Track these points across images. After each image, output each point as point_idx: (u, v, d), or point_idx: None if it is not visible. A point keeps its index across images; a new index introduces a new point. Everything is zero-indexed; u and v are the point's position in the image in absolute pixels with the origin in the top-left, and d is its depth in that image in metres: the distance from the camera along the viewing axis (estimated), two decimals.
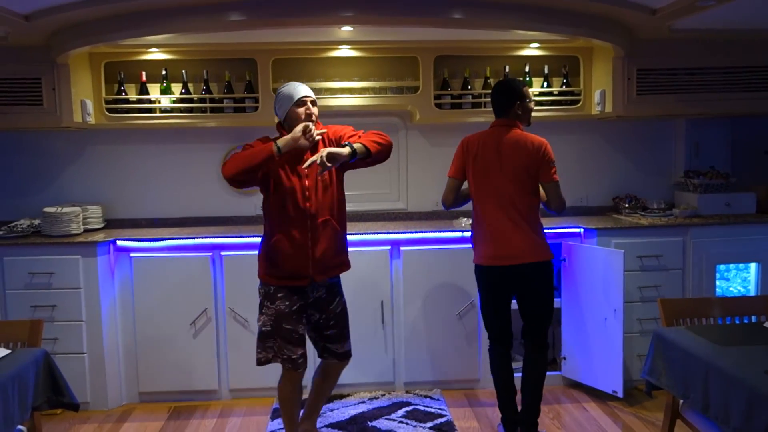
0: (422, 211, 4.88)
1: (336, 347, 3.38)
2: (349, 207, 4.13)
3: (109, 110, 4.43)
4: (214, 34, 4.07)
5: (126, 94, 4.46)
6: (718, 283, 4.44)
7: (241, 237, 4.24)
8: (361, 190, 4.71)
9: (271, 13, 3.60)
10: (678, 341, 2.73)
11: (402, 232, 4.31)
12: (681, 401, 2.92)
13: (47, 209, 4.27)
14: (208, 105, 4.44)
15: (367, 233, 4.25)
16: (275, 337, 3.16)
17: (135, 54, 4.41)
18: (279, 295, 3.16)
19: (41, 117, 4.18)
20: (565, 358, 4.36)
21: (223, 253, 4.22)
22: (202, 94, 4.47)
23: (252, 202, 4.73)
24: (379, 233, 4.28)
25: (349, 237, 3.39)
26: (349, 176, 3.44)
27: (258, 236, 4.20)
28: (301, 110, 3.14)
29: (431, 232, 4.33)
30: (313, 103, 3.20)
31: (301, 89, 3.16)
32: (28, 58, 4.12)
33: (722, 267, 4.46)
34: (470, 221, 4.47)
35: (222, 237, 4.23)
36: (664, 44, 4.39)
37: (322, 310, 3.29)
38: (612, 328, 4.02)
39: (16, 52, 4.10)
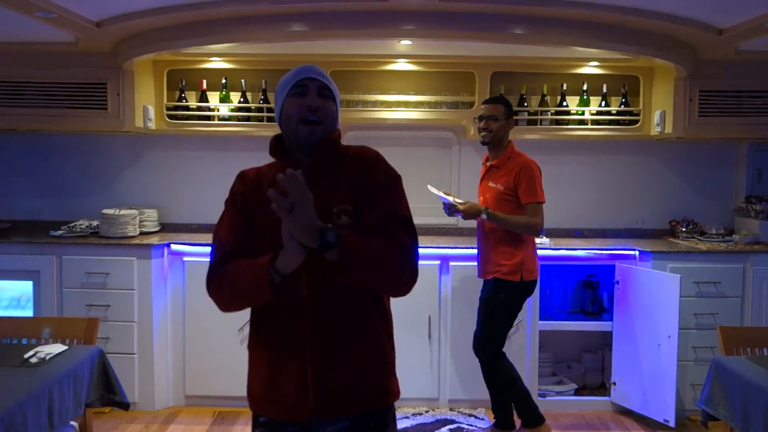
0: (473, 227, 4.83)
1: None
2: None
3: (170, 116, 4.53)
4: (274, 44, 4.12)
5: (186, 101, 4.55)
6: None
7: None
8: (411, 204, 4.70)
9: (332, 25, 3.64)
10: (738, 371, 2.64)
11: (452, 247, 4.28)
12: None
13: (106, 211, 4.37)
14: (265, 114, 4.50)
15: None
16: None
17: (196, 62, 4.50)
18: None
19: (105, 121, 4.30)
20: (614, 384, 4.25)
21: None
22: (259, 103, 4.54)
23: None
24: (429, 247, 4.26)
25: None
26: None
27: None
28: (296, 103, 1.84)
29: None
30: (323, 91, 1.85)
31: (303, 69, 1.87)
32: (95, 64, 4.25)
33: None
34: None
35: None
36: (728, 66, 4.28)
37: None
38: (665, 355, 3.91)
39: (85, 57, 4.22)
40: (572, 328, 4.44)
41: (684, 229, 4.64)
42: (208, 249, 4.35)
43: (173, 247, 4.30)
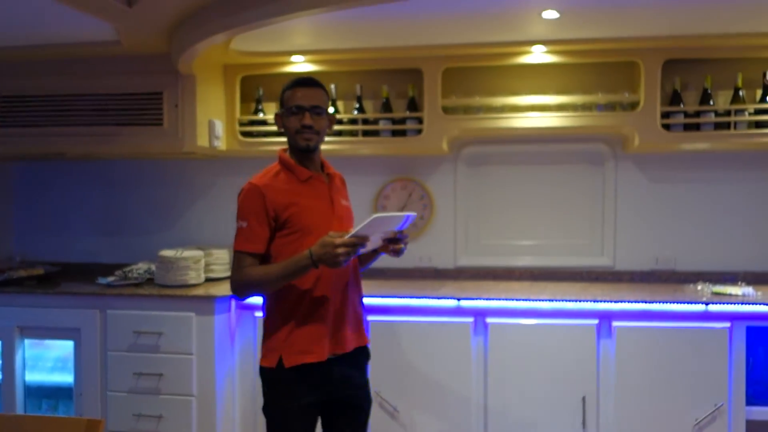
0: (635, 270, 3.64)
1: None
2: (537, 262, 3.75)
3: (244, 134, 3.67)
4: (369, 36, 3.23)
5: (264, 114, 3.69)
6: None
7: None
8: (553, 239, 3.71)
9: None
10: None
11: (614, 301, 3.07)
12: None
13: (163, 253, 3.49)
14: (360, 127, 3.58)
15: (564, 300, 3.10)
16: None
17: (274, 65, 3.63)
18: None
19: (161, 140, 3.46)
20: None
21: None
22: (353, 113, 3.62)
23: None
24: (582, 301, 3.09)
25: (539, 304, 3.02)
26: (537, 223, 3.59)
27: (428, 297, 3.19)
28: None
29: (655, 302, 3.06)
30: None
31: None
32: (147, 68, 3.45)
33: None
34: (712, 287, 3.30)
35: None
36: None
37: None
38: None
39: (133, 60, 3.44)
40: None
41: None
42: None
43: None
